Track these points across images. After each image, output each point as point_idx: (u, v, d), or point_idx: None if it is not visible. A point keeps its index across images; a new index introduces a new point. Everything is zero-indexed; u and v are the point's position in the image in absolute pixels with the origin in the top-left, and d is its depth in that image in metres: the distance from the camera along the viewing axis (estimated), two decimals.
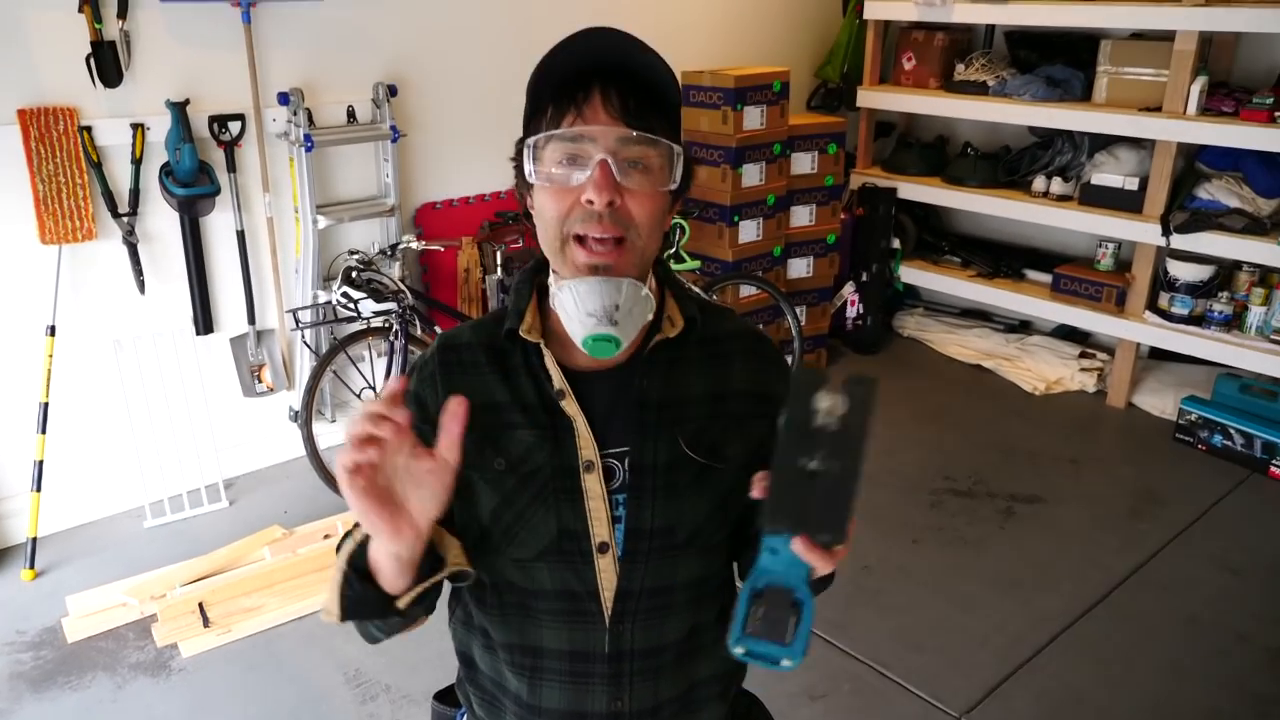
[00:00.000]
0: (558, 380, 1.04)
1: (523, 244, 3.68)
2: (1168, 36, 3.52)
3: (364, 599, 0.94)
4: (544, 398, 1.04)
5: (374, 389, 3.24)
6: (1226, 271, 3.66)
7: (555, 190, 0.98)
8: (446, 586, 1.11)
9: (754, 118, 3.78)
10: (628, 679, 1.06)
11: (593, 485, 1.03)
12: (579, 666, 1.06)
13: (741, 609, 0.83)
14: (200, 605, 2.62)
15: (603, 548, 1.03)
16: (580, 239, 0.97)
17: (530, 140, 0.99)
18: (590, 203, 0.95)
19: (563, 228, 0.98)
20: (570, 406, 1.03)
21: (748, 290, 3.95)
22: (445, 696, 1.26)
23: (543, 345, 1.05)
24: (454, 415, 0.87)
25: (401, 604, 0.94)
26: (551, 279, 1.04)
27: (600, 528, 1.03)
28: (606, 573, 1.03)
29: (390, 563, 0.91)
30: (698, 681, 1.12)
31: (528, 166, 1.00)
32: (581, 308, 0.98)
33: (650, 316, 1.03)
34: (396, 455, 0.85)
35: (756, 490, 0.87)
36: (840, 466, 0.79)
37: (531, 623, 1.06)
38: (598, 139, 0.96)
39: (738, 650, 0.83)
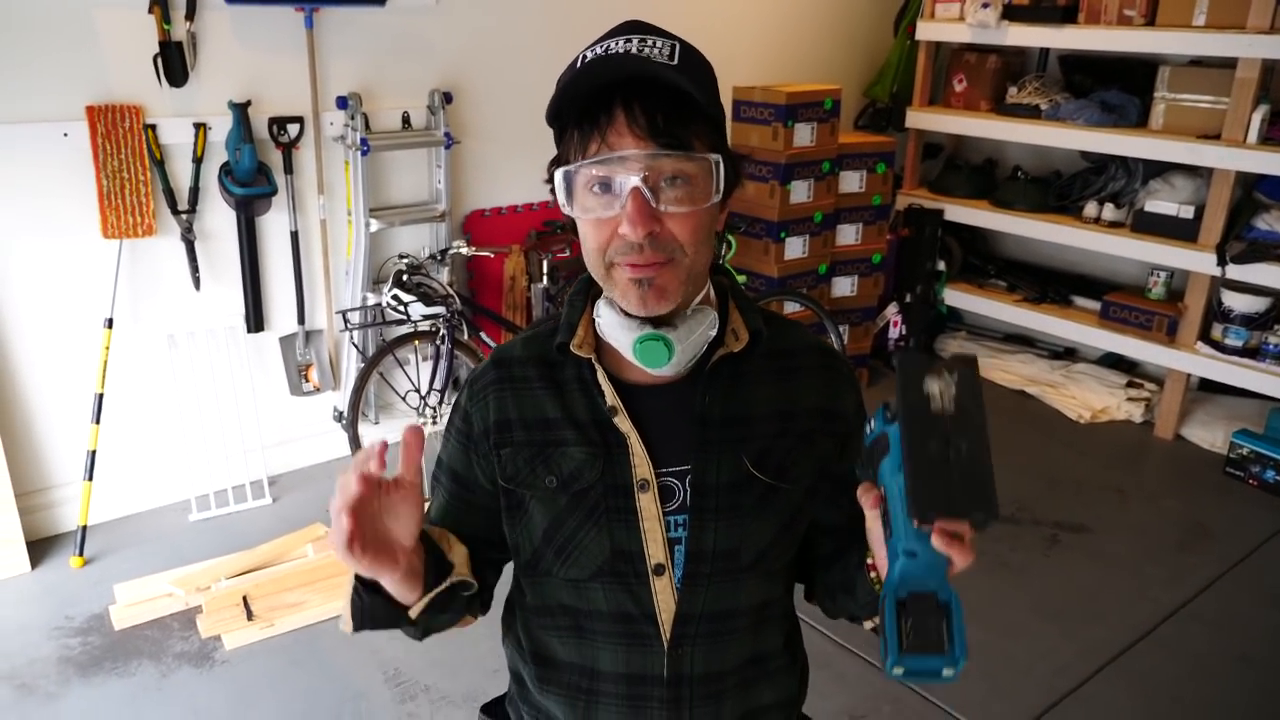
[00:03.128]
0: (610, 396, 1.00)
1: (569, 254, 3.70)
2: (1229, 64, 3.48)
3: (374, 611, 0.94)
4: (596, 414, 1.01)
5: (419, 392, 3.27)
6: None
7: (593, 221, 0.93)
8: (501, 593, 1.11)
9: (804, 135, 3.78)
10: (688, 704, 1.03)
11: (648, 505, 0.99)
12: (636, 690, 1.03)
13: (890, 626, 0.78)
14: (244, 599, 2.64)
15: (659, 569, 1.00)
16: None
17: (559, 172, 0.95)
18: (627, 235, 0.90)
19: (605, 257, 0.94)
20: (623, 423, 1.00)
21: (791, 307, 3.94)
22: (492, 710, 1.23)
23: (595, 360, 1.01)
24: (409, 444, 0.89)
25: (413, 614, 0.95)
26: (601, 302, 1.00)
27: (656, 549, 0.99)
28: (664, 595, 1.00)
29: (389, 584, 0.92)
30: (759, 708, 1.08)
31: (560, 197, 0.95)
32: (626, 316, 0.96)
33: (713, 332, 0.99)
34: (371, 504, 0.87)
35: (867, 503, 0.84)
36: (969, 445, 0.75)
37: (588, 644, 1.04)
38: (628, 162, 0.89)
39: (896, 671, 0.77)
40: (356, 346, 3.35)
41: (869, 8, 4.75)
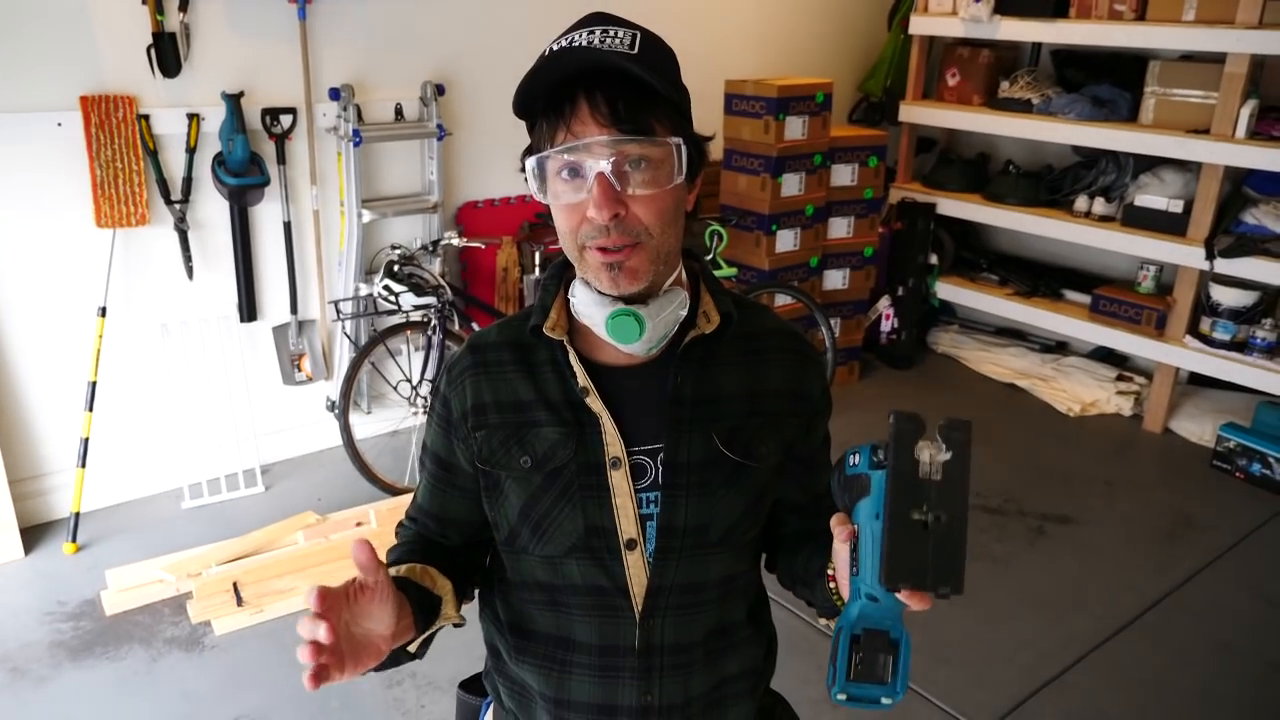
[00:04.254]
0: (581, 377, 1.03)
1: None
2: (1218, 59, 3.49)
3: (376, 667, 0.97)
4: (569, 394, 1.04)
5: (410, 382, 3.29)
6: (1271, 298, 3.61)
7: (564, 206, 0.97)
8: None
9: (795, 128, 3.80)
10: (658, 674, 1.06)
11: (620, 482, 1.03)
12: (609, 660, 1.06)
13: (842, 657, 0.83)
14: (234, 585, 2.67)
15: (630, 544, 1.03)
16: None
17: (530, 161, 0.99)
18: (594, 219, 0.94)
19: (576, 240, 0.98)
20: (595, 403, 1.03)
21: (783, 300, 3.96)
22: (471, 686, 1.26)
23: (566, 341, 1.04)
24: (361, 559, 0.90)
25: (412, 649, 1.00)
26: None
27: (628, 524, 1.03)
28: (635, 569, 1.04)
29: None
30: (727, 677, 1.12)
31: (533, 185, 0.99)
32: (599, 294, 0.99)
33: (683, 312, 1.03)
34: (338, 628, 0.87)
35: (840, 536, 0.87)
36: (949, 516, 0.78)
37: (564, 617, 1.07)
38: (591, 149, 0.93)
39: (840, 697, 0.83)
40: (349, 336, 3.37)
41: (862, 2, 4.76)
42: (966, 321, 4.74)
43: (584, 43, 0.94)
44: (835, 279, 4.17)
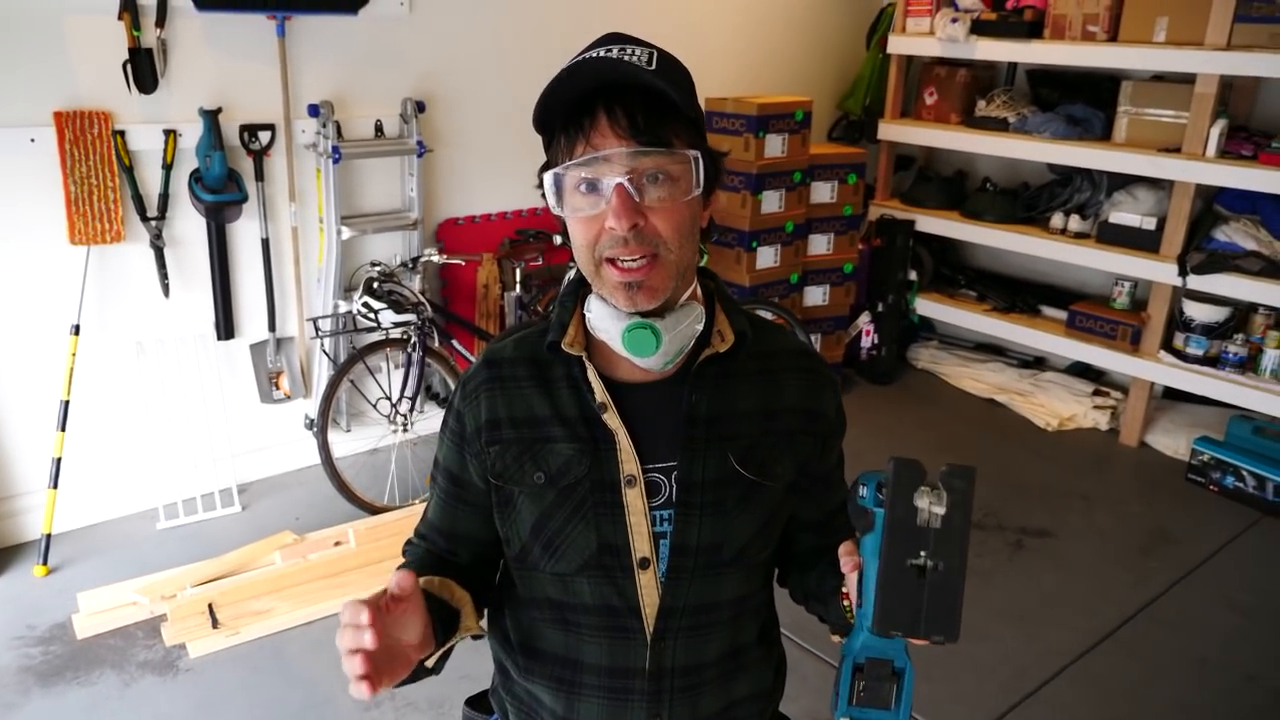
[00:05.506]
0: (599, 393, 1.03)
1: (542, 262, 3.72)
2: (1189, 79, 3.55)
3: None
4: (585, 410, 1.04)
5: (390, 399, 3.27)
6: (1242, 313, 3.66)
7: (582, 219, 0.98)
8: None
9: (775, 145, 3.82)
10: (668, 696, 1.05)
11: (634, 500, 1.02)
12: (619, 682, 1.05)
13: (845, 683, 0.84)
14: (210, 606, 2.63)
15: (644, 563, 1.02)
16: (612, 260, 0.98)
17: (549, 175, 0.99)
18: (614, 229, 0.95)
19: (594, 253, 0.98)
20: (612, 419, 1.03)
21: (764, 316, 3.96)
22: (477, 703, 1.25)
23: (585, 358, 1.04)
24: (405, 577, 0.89)
25: (430, 664, 0.98)
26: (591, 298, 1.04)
27: (641, 543, 1.02)
28: (648, 589, 1.03)
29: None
30: (737, 700, 1.11)
31: (551, 199, 1.00)
32: (615, 308, 0.99)
33: (699, 326, 1.03)
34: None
35: (846, 567, 0.88)
36: (946, 564, 0.79)
37: (573, 637, 1.06)
38: (611, 161, 0.94)
39: None
40: (327, 354, 3.34)
41: (841, 22, 4.81)
42: (946, 337, 4.78)
43: (603, 57, 0.95)
44: (815, 295, 4.20)
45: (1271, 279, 3.41)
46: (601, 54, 0.95)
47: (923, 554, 0.78)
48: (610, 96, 0.95)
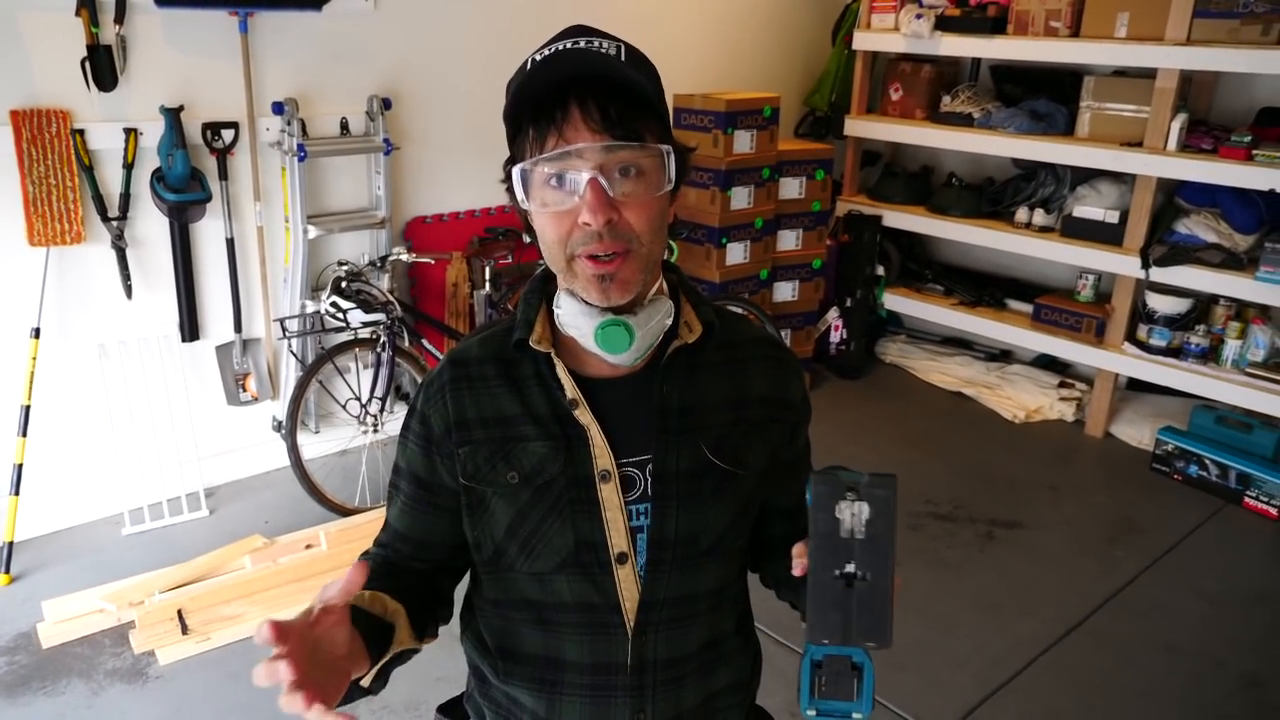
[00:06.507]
0: (570, 389, 1.02)
1: (512, 260, 3.70)
2: (1149, 74, 3.61)
3: None
4: (556, 408, 1.03)
5: (360, 400, 3.23)
6: (1204, 305, 3.73)
7: (552, 214, 0.95)
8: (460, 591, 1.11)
9: (744, 142, 3.83)
10: (650, 690, 1.05)
11: (609, 495, 1.02)
12: (601, 679, 1.05)
13: (805, 680, 0.86)
14: (179, 612, 2.59)
15: (621, 558, 1.02)
16: (585, 254, 0.96)
17: (517, 169, 0.97)
18: (588, 224, 0.93)
19: (566, 249, 0.96)
20: (584, 415, 1.02)
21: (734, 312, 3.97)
22: (451, 710, 1.23)
23: (554, 355, 1.03)
24: (359, 569, 0.89)
25: (365, 683, 0.96)
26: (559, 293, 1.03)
27: (619, 538, 1.02)
28: (627, 583, 1.02)
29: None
30: (717, 691, 1.11)
31: (519, 193, 0.98)
32: (586, 305, 0.98)
33: (669, 320, 1.03)
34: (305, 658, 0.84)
35: (796, 569, 0.88)
36: (874, 573, 0.80)
37: (552, 636, 1.05)
38: (584, 155, 0.92)
39: (810, 713, 0.87)
40: (295, 355, 3.30)
41: (807, 18, 4.83)
42: (914, 331, 4.82)
43: (571, 47, 0.94)
44: (785, 291, 4.21)
45: (1232, 270, 3.48)
46: (569, 46, 0.93)
47: (849, 564, 0.80)
48: (581, 89, 0.93)
